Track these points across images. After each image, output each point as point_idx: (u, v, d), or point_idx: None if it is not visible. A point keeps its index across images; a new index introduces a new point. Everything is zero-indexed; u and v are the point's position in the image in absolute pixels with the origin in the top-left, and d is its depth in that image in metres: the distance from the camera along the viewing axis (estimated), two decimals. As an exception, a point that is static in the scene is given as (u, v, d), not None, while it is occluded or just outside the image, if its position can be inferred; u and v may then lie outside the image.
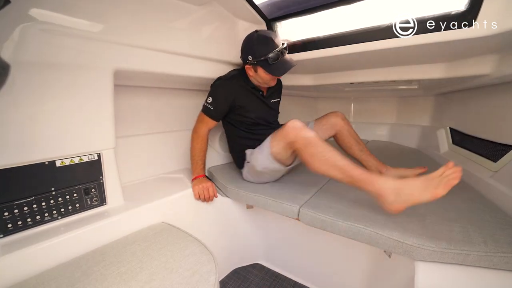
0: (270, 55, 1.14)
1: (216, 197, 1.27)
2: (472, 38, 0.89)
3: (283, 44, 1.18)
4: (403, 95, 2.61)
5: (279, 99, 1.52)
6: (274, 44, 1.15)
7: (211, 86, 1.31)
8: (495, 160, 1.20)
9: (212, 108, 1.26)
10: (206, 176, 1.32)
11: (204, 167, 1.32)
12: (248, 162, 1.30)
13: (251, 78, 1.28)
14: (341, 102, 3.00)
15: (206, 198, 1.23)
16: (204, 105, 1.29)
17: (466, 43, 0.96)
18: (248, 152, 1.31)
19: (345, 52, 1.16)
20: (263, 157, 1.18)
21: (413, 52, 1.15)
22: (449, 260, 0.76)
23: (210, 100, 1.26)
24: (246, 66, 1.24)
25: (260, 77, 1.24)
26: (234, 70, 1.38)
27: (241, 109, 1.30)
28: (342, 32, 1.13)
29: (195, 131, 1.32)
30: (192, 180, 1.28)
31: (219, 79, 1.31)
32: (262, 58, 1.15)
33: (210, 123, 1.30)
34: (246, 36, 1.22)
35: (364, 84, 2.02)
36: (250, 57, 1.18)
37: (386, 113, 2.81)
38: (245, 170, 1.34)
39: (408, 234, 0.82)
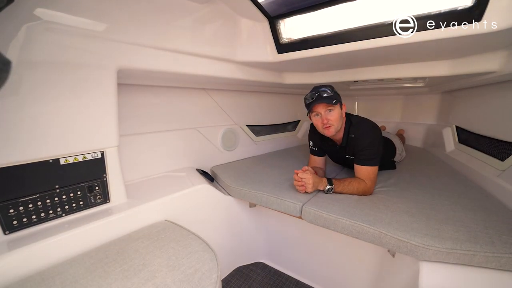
0: (307, 95, 1.17)
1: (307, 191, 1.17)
2: (479, 34, 0.87)
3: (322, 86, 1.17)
4: (408, 93, 2.57)
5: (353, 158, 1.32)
6: (314, 87, 1.18)
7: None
8: (502, 159, 1.17)
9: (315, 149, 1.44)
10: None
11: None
12: None
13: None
14: (346, 100, 2.95)
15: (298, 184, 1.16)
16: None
17: (473, 39, 0.94)
18: None
19: (350, 49, 1.15)
20: None
21: (420, 49, 1.13)
22: (455, 261, 0.75)
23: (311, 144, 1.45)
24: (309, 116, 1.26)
25: (315, 124, 1.24)
26: None
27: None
28: (346, 29, 1.12)
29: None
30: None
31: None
32: (307, 102, 1.18)
33: (317, 160, 1.44)
34: None
35: (369, 82, 2.00)
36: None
37: (390, 111, 2.77)
38: None
39: (413, 234, 0.81)
